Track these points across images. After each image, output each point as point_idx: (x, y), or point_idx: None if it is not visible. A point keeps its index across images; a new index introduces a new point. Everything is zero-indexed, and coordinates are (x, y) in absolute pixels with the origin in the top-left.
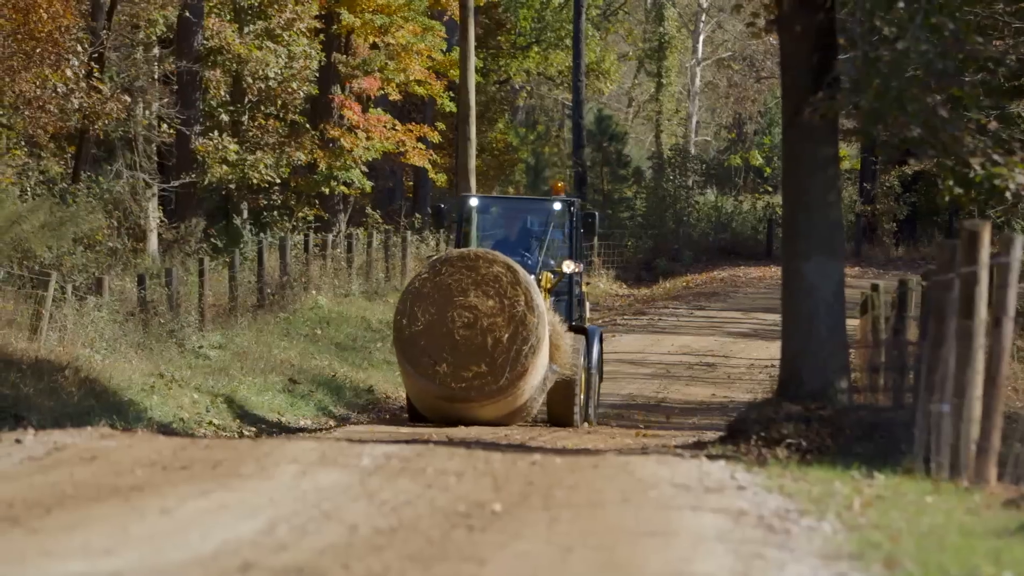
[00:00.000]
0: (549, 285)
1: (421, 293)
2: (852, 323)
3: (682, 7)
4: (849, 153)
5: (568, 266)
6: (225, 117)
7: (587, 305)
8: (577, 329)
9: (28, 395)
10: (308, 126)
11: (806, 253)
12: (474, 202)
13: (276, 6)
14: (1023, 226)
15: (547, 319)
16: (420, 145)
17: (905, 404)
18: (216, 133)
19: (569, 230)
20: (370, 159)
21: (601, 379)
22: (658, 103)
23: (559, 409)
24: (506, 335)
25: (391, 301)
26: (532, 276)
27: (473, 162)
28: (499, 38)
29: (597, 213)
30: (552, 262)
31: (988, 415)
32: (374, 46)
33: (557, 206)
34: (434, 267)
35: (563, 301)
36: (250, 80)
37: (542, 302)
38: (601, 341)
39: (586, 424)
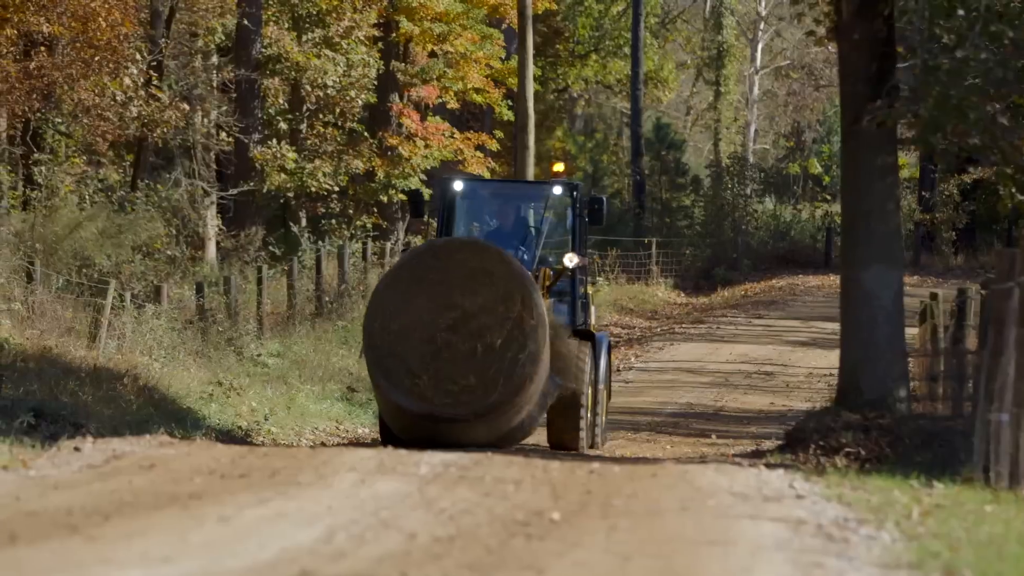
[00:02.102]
0: (548, 283)
1: (397, 289)
2: (911, 332)
3: (740, 15)
4: (908, 161)
5: (571, 260)
6: (284, 125)
7: (592, 308)
8: (582, 334)
9: (87, 403)
10: (366, 134)
11: (865, 262)
12: (458, 186)
13: (335, 14)
14: None
15: (548, 321)
16: (478, 153)
17: (964, 413)
18: (275, 141)
19: (572, 218)
20: (428, 167)
21: (609, 396)
22: (716, 111)
23: (561, 429)
24: (499, 340)
25: None
26: (530, 271)
27: (532, 170)
28: (557, 46)
29: (604, 198)
30: (551, 258)
31: None
32: (432, 54)
33: (557, 190)
34: (412, 259)
35: (564, 303)
36: (309, 88)
37: (542, 301)
38: (610, 351)
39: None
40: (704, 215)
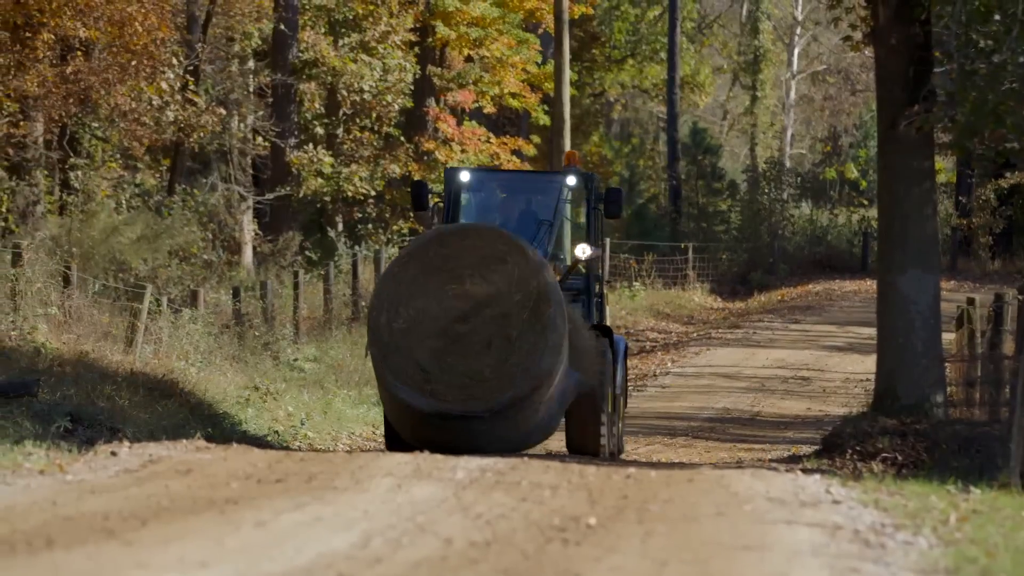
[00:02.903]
0: (559, 276)
1: (404, 280)
2: (948, 337)
3: (777, 20)
4: (945, 166)
5: (583, 251)
6: (320, 130)
7: (607, 308)
8: (599, 329)
9: (123, 407)
10: (403, 139)
11: (902, 266)
12: (465, 177)
13: (371, 19)
14: None
15: (567, 311)
16: (514, 158)
17: (1001, 418)
18: (311, 146)
19: (587, 210)
20: None
21: (626, 402)
22: (753, 116)
23: (582, 432)
24: (515, 331)
25: None
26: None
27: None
28: (594, 51)
29: (621, 189)
30: (562, 255)
31: None
32: (469, 59)
33: (571, 180)
34: (420, 246)
35: (579, 301)
36: (345, 93)
37: (559, 289)
38: (626, 355)
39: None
40: (740, 220)
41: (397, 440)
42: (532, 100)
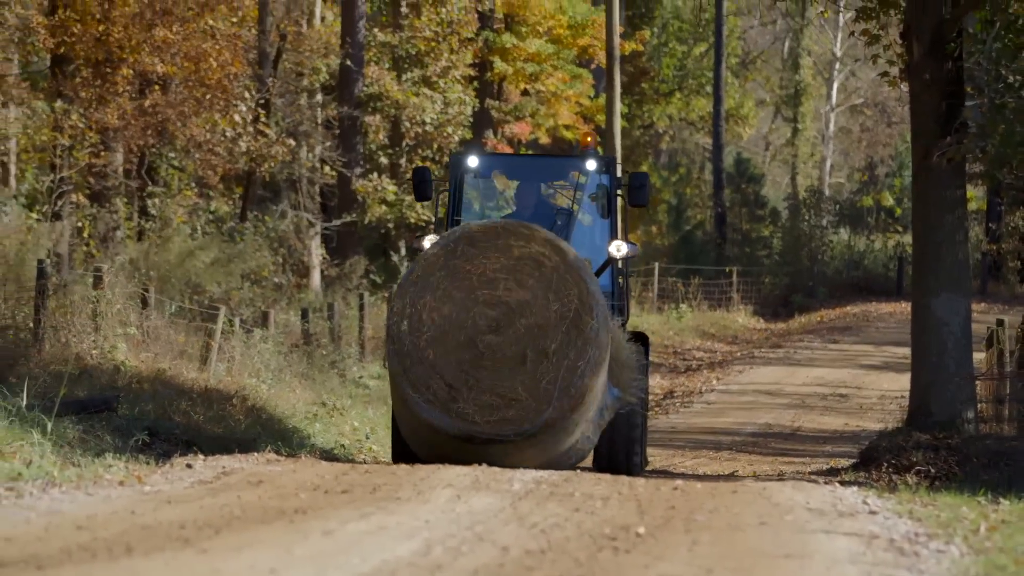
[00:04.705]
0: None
1: (428, 285)
2: (978, 356)
3: (817, 56)
4: (976, 195)
5: (617, 248)
6: (384, 159)
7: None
8: (634, 336)
9: (198, 422)
10: None
11: (935, 290)
12: (473, 162)
13: (432, 55)
14: None
15: (609, 321)
16: None
17: None
18: (375, 175)
19: (610, 199)
20: None
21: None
22: (794, 147)
23: (612, 451)
24: (553, 344)
25: None
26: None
27: (618, 203)
28: (643, 85)
29: (647, 173)
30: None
31: None
32: (525, 92)
33: (591, 165)
34: (445, 247)
35: (611, 305)
36: (408, 125)
37: (602, 296)
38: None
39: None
40: (782, 245)
41: (408, 457)
42: (585, 131)
